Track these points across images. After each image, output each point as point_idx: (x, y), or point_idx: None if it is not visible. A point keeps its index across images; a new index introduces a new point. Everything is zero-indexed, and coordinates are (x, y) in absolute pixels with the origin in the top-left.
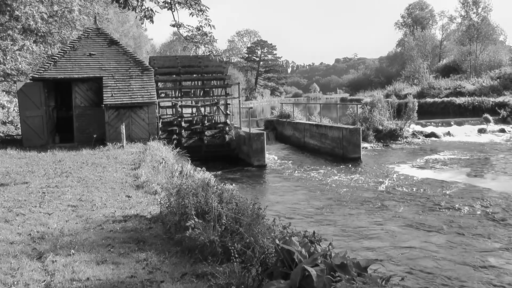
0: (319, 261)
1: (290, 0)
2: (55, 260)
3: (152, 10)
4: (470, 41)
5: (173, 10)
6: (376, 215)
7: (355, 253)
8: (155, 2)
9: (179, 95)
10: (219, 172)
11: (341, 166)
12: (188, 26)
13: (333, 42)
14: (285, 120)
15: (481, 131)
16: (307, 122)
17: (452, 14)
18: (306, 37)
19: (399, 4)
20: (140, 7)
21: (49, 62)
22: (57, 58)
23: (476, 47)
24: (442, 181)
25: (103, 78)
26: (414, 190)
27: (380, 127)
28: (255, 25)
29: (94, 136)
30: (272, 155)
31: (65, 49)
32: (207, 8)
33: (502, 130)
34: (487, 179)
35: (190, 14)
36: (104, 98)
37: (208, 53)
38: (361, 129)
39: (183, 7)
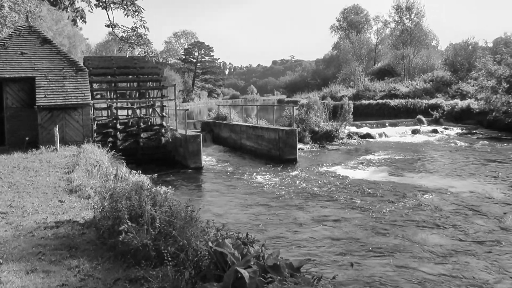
0: (252, 263)
1: (226, 1)
2: None
3: (83, 10)
4: (404, 45)
5: (107, 9)
6: (311, 216)
7: (289, 254)
8: (86, 2)
9: (115, 96)
10: (155, 175)
11: (277, 168)
12: (123, 26)
13: (270, 44)
14: (222, 122)
15: (414, 131)
16: (244, 124)
17: (387, 19)
18: (243, 39)
19: (335, 8)
20: (72, 6)
21: None
22: None
23: (409, 51)
24: (375, 181)
25: (36, 78)
26: (348, 190)
27: (316, 129)
28: (192, 27)
29: (27, 138)
30: (209, 157)
31: None
32: (142, 9)
33: (435, 131)
34: (418, 178)
35: (125, 14)
36: (37, 99)
37: (144, 54)
38: (297, 130)
39: (118, 7)
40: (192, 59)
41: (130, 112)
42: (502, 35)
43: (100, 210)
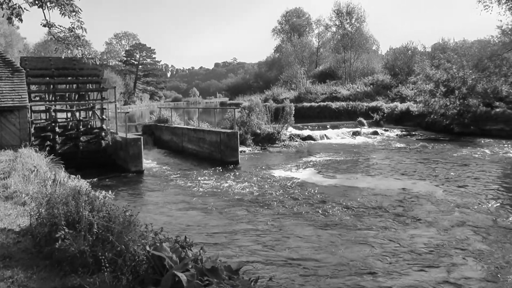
0: (190, 266)
1: (167, 3)
2: None
3: (21, 7)
4: (345, 49)
5: (44, 8)
6: (251, 218)
7: (230, 256)
8: None
9: (53, 98)
10: (95, 179)
11: (219, 170)
12: (60, 26)
13: (212, 46)
14: (163, 124)
15: (355, 133)
16: (185, 126)
17: (328, 23)
18: (185, 41)
19: (277, 11)
20: (7, 3)
21: None
22: None
23: (350, 55)
24: (315, 183)
25: None
26: (288, 192)
27: (258, 131)
28: (133, 28)
29: None
30: (150, 161)
31: None
32: (80, 10)
33: (375, 133)
34: (356, 180)
35: (62, 14)
36: None
37: (80, 56)
38: (238, 133)
39: (55, 6)
40: (133, 61)
41: (69, 115)
42: (440, 41)
43: (36, 217)
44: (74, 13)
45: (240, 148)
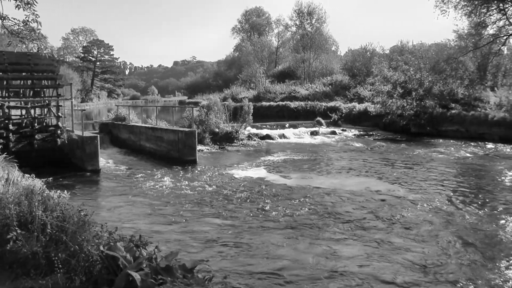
0: (144, 265)
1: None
2: None
3: None
4: (304, 49)
5: None
6: (207, 218)
7: (185, 255)
8: None
9: (7, 95)
10: (50, 179)
11: (177, 169)
12: (14, 19)
13: (171, 44)
14: (121, 123)
15: (313, 133)
16: (143, 125)
17: (288, 23)
18: (144, 39)
19: (237, 10)
20: None
21: None
22: None
23: (309, 55)
24: (272, 182)
25: None
26: (246, 191)
27: (217, 130)
28: (91, 24)
29: None
30: (107, 159)
31: None
32: (35, 2)
33: (333, 132)
34: (311, 179)
35: (16, 6)
36: None
37: (37, 50)
38: (196, 132)
39: None
40: (91, 58)
41: (23, 112)
42: (398, 43)
43: None
44: (29, 5)
45: (198, 147)
